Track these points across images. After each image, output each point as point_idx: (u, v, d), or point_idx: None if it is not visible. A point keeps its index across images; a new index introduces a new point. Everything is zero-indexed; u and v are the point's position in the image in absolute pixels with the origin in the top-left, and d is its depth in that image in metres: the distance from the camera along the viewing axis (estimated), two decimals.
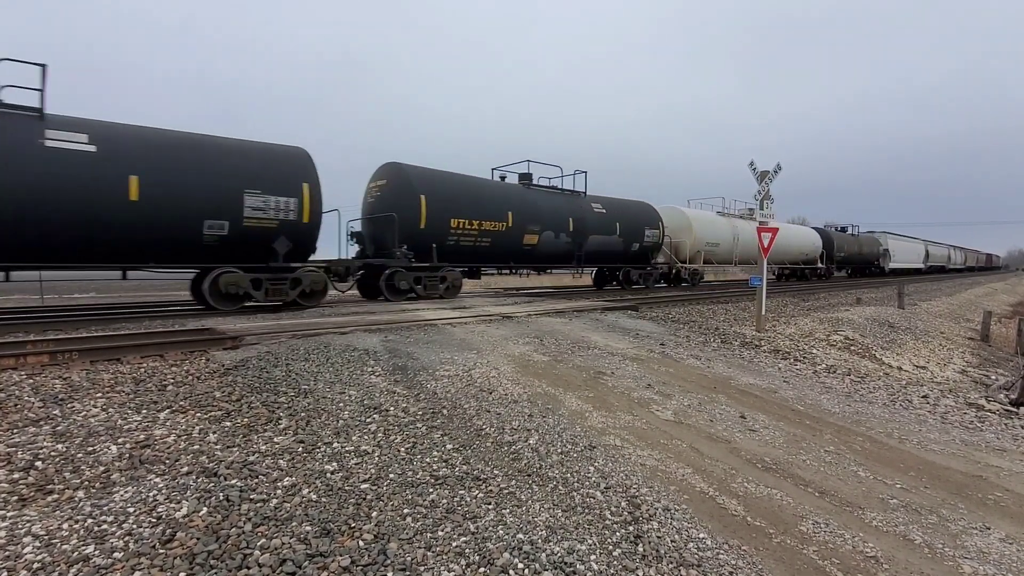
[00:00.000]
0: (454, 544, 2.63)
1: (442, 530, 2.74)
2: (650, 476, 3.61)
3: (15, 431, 3.50)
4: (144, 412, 3.93)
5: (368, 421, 4.08)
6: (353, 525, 2.71)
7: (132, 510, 2.67)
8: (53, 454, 3.21)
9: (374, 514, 2.83)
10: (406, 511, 2.88)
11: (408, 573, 2.39)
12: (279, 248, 9.28)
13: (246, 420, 3.94)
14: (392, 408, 4.38)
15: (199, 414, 3.97)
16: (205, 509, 2.72)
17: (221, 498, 2.83)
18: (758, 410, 5.30)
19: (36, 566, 2.24)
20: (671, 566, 2.66)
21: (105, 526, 2.54)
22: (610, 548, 2.75)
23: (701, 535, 2.95)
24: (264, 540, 2.51)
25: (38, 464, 3.08)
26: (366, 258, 11.93)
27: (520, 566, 2.51)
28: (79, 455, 3.22)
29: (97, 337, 6.08)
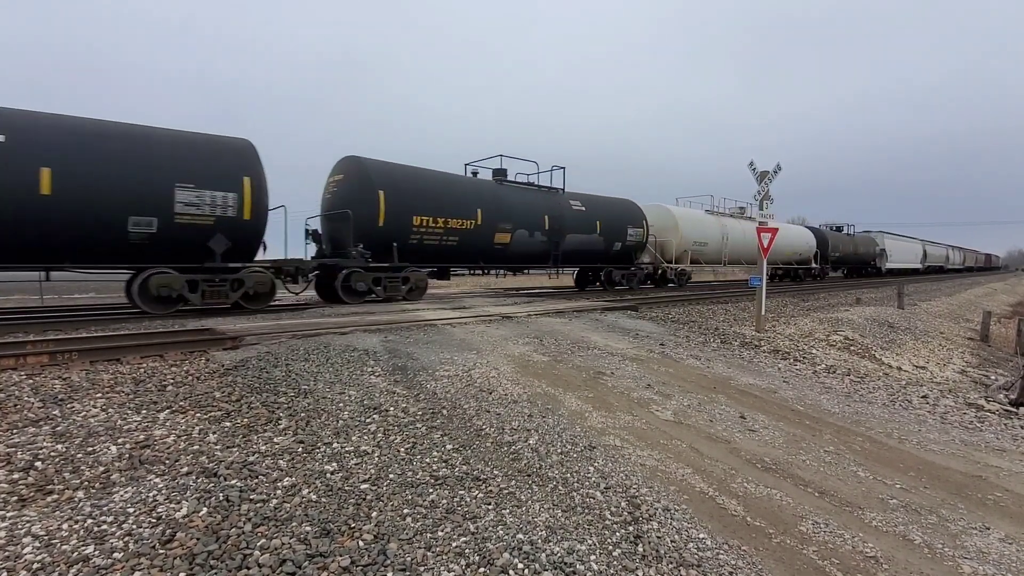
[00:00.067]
0: (454, 544, 2.63)
1: (442, 530, 2.74)
2: (650, 476, 3.61)
3: (15, 431, 3.50)
4: (144, 412, 3.93)
5: (368, 421, 4.08)
6: (353, 525, 2.71)
7: (132, 510, 2.67)
8: (53, 454, 3.21)
9: (374, 514, 2.83)
10: (406, 511, 2.88)
11: (408, 573, 2.39)
12: (216, 247, 8.64)
13: (246, 420, 3.94)
14: (392, 408, 4.39)
15: (199, 414, 3.97)
16: (205, 509, 2.72)
17: (221, 498, 2.83)
18: (758, 410, 5.30)
19: (36, 566, 2.24)
20: (671, 566, 2.66)
21: (105, 526, 2.54)
22: (610, 548, 2.75)
23: (701, 535, 2.95)
24: (264, 540, 2.51)
25: (38, 464, 3.08)
26: (324, 258, 11.16)
27: (520, 566, 2.51)
28: (79, 455, 3.22)
29: (97, 337, 6.09)
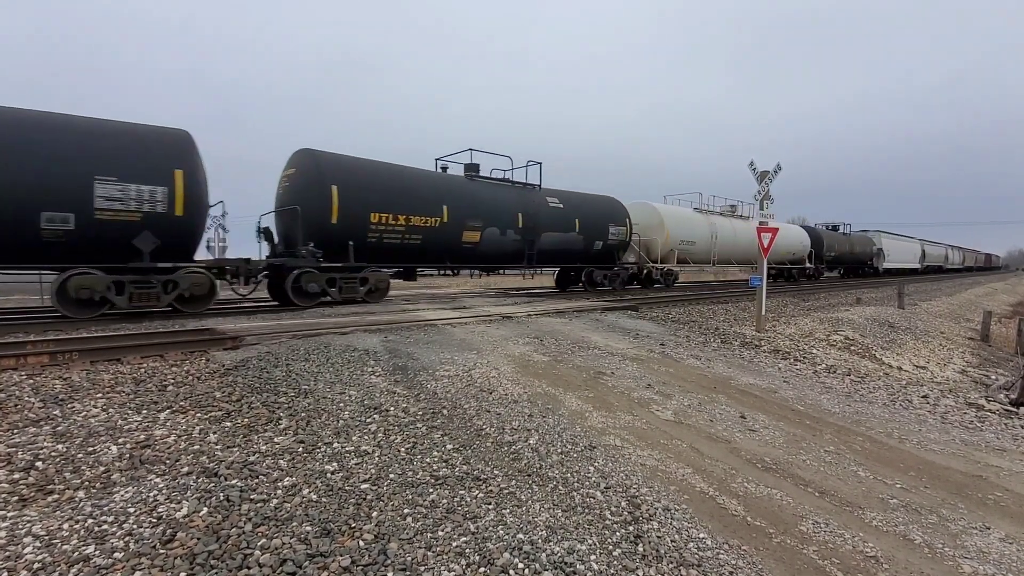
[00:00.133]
0: (454, 544, 2.63)
1: (442, 530, 2.74)
2: (650, 476, 3.61)
3: (15, 431, 3.50)
4: (144, 412, 3.93)
5: (368, 421, 4.09)
6: (353, 525, 2.71)
7: (132, 510, 2.68)
8: (53, 454, 3.21)
9: (374, 514, 2.83)
10: (406, 511, 2.88)
11: (408, 573, 2.39)
12: (142, 245, 8.03)
13: (246, 420, 3.94)
14: (392, 408, 4.39)
15: (199, 414, 3.97)
16: (205, 509, 2.72)
17: (221, 498, 2.83)
18: (758, 410, 5.30)
19: (36, 566, 2.24)
20: (671, 566, 2.66)
21: (105, 526, 2.54)
22: (610, 548, 2.75)
23: (701, 535, 2.95)
24: (264, 540, 2.51)
25: (38, 464, 3.08)
26: (277, 257, 10.49)
27: (520, 566, 2.51)
28: (79, 455, 3.22)
29: (97, 337, 6.09)
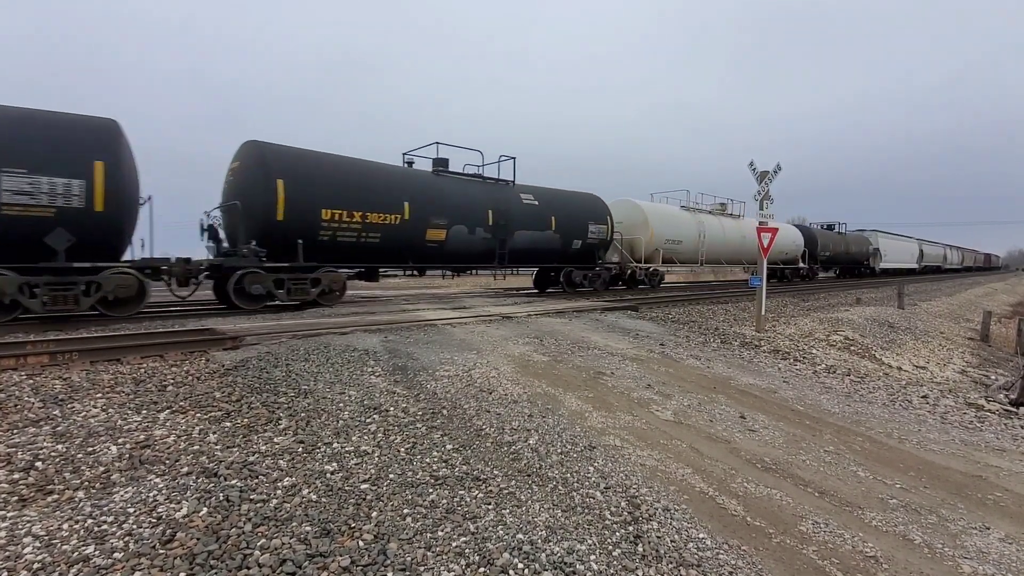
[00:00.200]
0: (454, 544, 2.64)
1: (442, 530, 2.74)
2: (650, 476, 3.61)
3: (15, 431, 3.50)
4: (144, 412, 3.93)
5: (368, 421, 4.09)
6: (353, 525, 2.71)
7: (132, 510, 2.68)
8: (53, 454, 3.21)
9: (374, 514, 2.83)
10: (406, 511, 2.88)
11: (408, 573, 2.39)
12: (55, 243, 7.47)
13: (246, 420, 3.94)
14: (392, 408, 4.39)
15: (199, 414, 3.97)
16: (205, 509, 2.72)
17: (221, 498, 2.83)
18: (758, 410, 5.31)
19: (36, 566, 2.24)
20: (671, 566, 2.66)
21: (105, 526, 2.54)
22: (610, 548, 2.75)
23: (701, 535, 2.95)
24: (264, 540, 2.51)
25: (38, 464, 3.08)
26: (225, 256, 9.77)
27: (520, 566, 2.51)
28: (79, 455, 3.22)
29: (97, 337, 6.09)
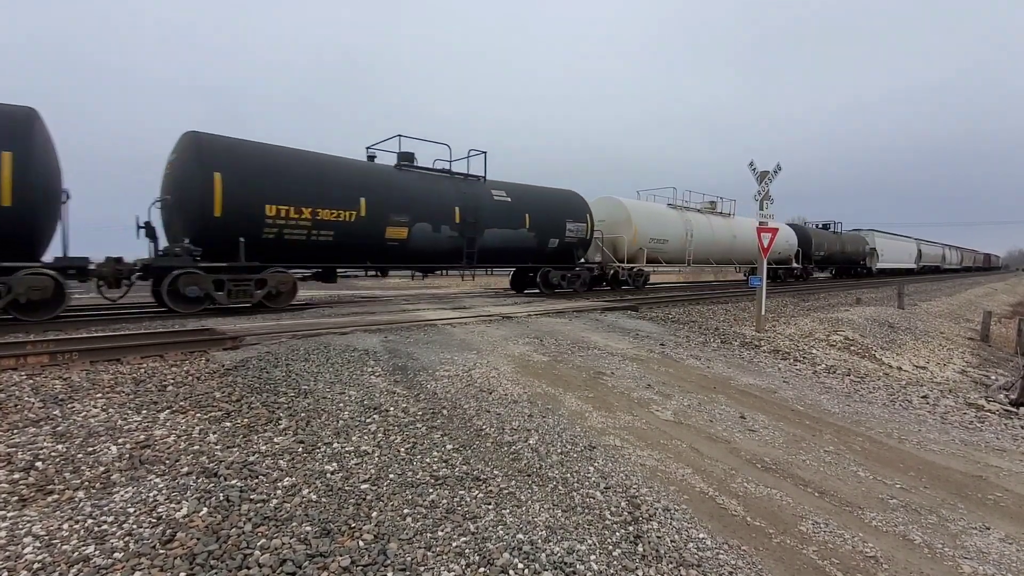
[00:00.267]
0: (454, 544, 2.64)
1: (442, 530, 2.74)
2: (650, 476, 3.61)
3: (15, 431, 3.50)
4: (144, 412, 3.93)
5: (368, 421, 4.09)
6: (353, 525, 2.71)
7: (132, 510, 2.68)
8: (53, 454, 3.21)
9: (374, 514, 2.83)
10: (406, 511, 2.88)
11: (408, 573, 2.39)
12: None
13: (246, 420, 3.94)
14: (392, 408, 4.39)
15: (199, 414, 3.97)
16: (205, 509, 2.73)
17: (221, 498, 2.83)
18: (758, 410, 5.31)
19: (36, 566, 2.24)
20: (671, 566, 2.66)
21: (105, 526, 2.54)
22: (610, 548, 2.75)
23: (701, 535, 2.95)
24: (264, 540, 2.51)
25: (38, 464, 3.08)
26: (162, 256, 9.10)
27: (520, 566, 2.51)
28: (79, 455, 3.22)
29: (97, 337, 6.09)
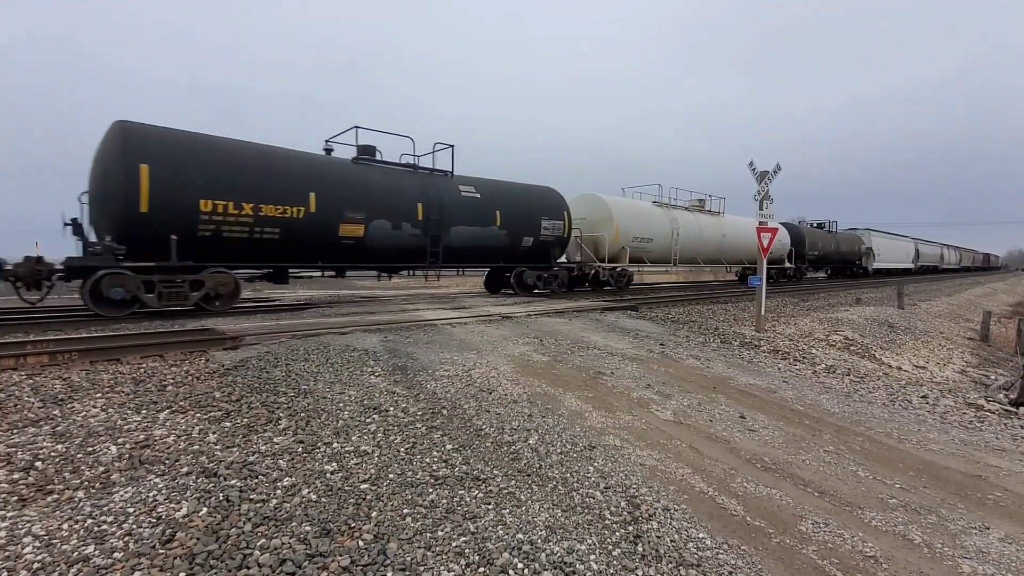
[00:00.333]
0: (454, 544, 2.64)
1: (442, 530, 2.74)
2: (650, 476, 3.61)
3: (15, 431, 3.50)
4: (144, 412, 3.93)
5: (368, 421, 4.09)
6: (353, 525, 2.71)
7: (132, 510, 2.68)
8: (53, 454, 3.21)
9: (374, 514, 2.83)
10: (406, 511, 2.88)
11: (408, 573, 2.39)
12: None
13: (246, 420, 3.94)
14: (392, 408, 4.39)
15: (199, 414, 3.97)
16: (205, 509, 2.73)
17: (221, 498, 2.83)
18: (757, 410, 5.31)
19: (36, 566, 2.24)
20: (671, 566, 2.66)
21: (105, 526, 2.54)
22: (610, 548, 2.75)
23: (701, 535, 2.95)
24: (264, 540, 2.51)
25: (38, 464, 3.08)
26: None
27: (520, 566, 2.51)
28: (79, 455, 3.22)
29: (97, 337, 6.09)
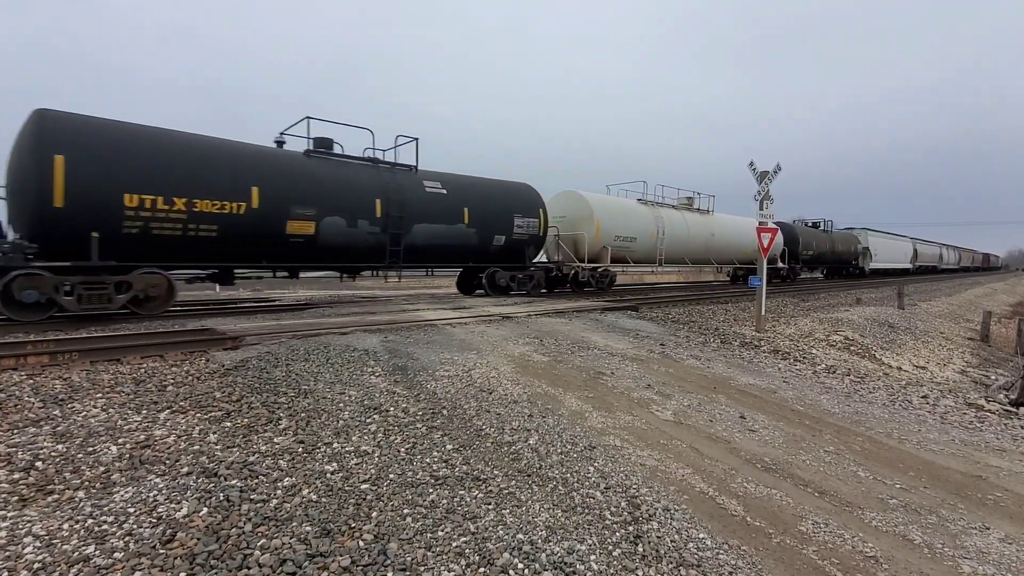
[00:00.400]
0: (454, 544, 2.64)
1: (442, 530, 2.74)
2: (650, 476, 3.61)
3: (15, 431, 3.50)
4: (144, 412, 3.93)
5: (368, 421, 4.09)
6: (353, 525, 2.71)
7: (132, 510, 2.68)
8: (53, 454, 3.21)
9: (374, 514, 2.83)
10: (406, 511, 2.89)
11: (408, 573, 2.39)
12: None
13: (246, 420, 3.94)
14: (392, 408, 4.39)
15: (199, 414, 3.97)
16: (205, 509, 2.73)
17: (221, 498, 2.83)
18: (758, 410, 5.31)
19: (37, 566, 2.24)
20: (671, 566, 2.66)
21: (105, 526, 2.54)
22: (610, 548, 2.75)
23: (701, 535, 2.95)
24: (264, 540, 2.51)
25: (38, 464, 3.08)
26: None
27: (520, 566, 2.51)
28: (79, 455, 3.22)
29: (97, 337, 6.08)
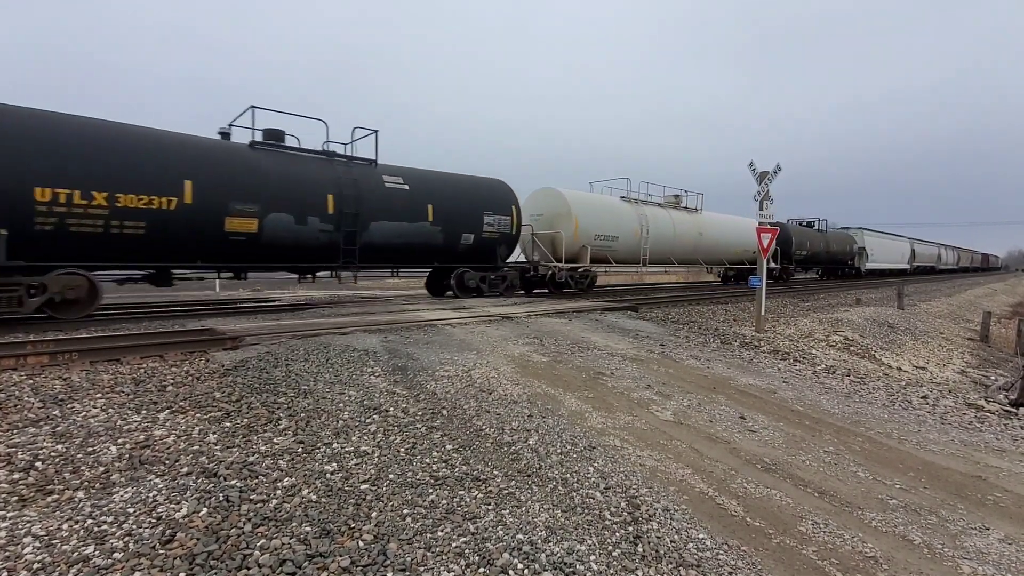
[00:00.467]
0: (454, 544, 2.64)
1: (442, 530, 2.74)
2: (650, 476, 3.61)
3: (15, 431, 3.50)
4: (144, 413, 3.93)
5: (368, 422, 4.09)
6: (353, 525, 2.71)
7: (132, 510, 2.68)
8: (53, 454, 3.21)
9: (374, 514, 2.83)
10: (406, 511, 2.89)
11: (408, 573, 2.39)
12: None
13: (246, 421, 3.94)
14: (392, 409, 4.39)
15: (199, 415, 3.97)
16: (205, 509, 2.73)
17: (221, 498, 2.83)
18: (757, 410, 5.31)
19: (36, 566, 2.24)
20: (671, 566, 2.66)
21: (105, 526, 2.54)
22: (610, 548, 2.75)
23: (701, 535, 2.95)
24: (264, 540, 2.51)
25: (38, 464, 3.08)
26: None
27: (520, 566, 2.51)
28: (79, 455, 3.22)
29: (97, 337, 6.08)
